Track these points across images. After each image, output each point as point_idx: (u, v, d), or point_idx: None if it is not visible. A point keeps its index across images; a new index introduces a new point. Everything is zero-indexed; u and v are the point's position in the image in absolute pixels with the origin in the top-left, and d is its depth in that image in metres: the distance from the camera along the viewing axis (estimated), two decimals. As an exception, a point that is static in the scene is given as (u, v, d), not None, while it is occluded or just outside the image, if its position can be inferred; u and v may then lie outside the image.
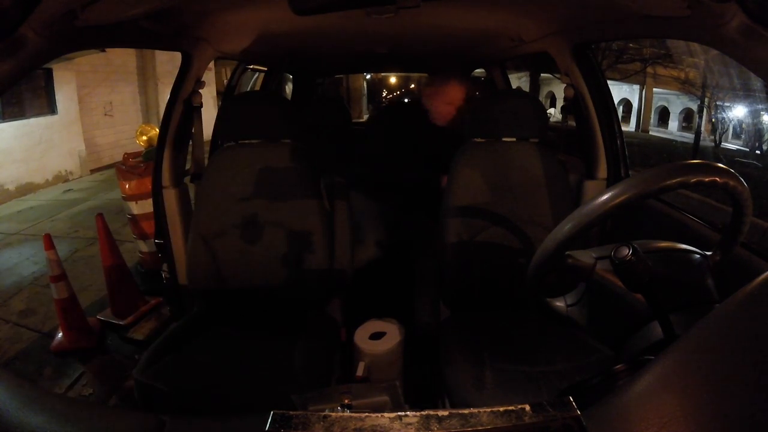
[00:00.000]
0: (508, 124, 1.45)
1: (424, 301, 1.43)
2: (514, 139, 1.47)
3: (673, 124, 14.84)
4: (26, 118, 5.84)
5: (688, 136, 12.87)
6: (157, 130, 1.85)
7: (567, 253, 0.64)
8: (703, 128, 11.86)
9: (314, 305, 1.47)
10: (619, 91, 14.89)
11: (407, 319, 1.60)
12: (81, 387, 1.95)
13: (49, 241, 2.17)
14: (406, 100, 5.86)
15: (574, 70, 1.54)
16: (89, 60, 6.60)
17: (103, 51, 6.36)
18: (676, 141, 13.28)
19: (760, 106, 9.76)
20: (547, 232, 0.66)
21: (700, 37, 0.89)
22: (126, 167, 2.97)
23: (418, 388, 1.53)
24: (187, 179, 1.68)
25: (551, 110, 13.64)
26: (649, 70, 13.42)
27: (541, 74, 13.51)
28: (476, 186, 1.43)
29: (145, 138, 3.15)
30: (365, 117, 11.47)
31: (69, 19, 0.85)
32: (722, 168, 0.58)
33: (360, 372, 1.36)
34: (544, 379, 1.08)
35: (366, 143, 2.50)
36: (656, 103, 15.28)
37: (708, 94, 11.56)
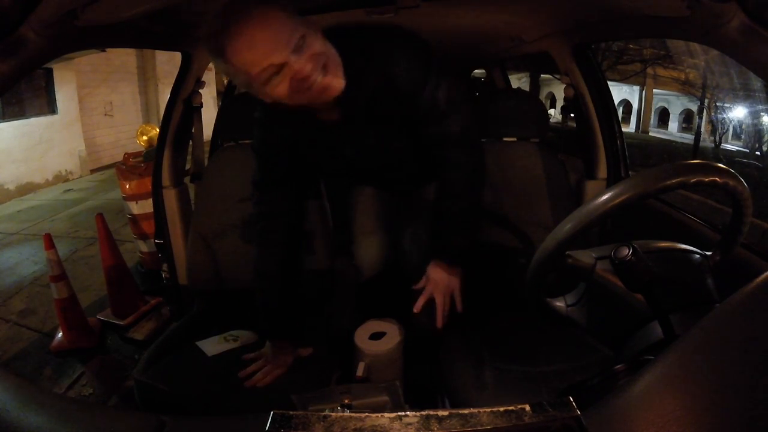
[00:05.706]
0: (509, 124, 1.45)
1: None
2: (515, 139, 1.47)
3: (673, 125, 14.85)
4: (26, 118, 5.84)
5: (688, 137, 12.88)
6: (158, 130, 1.85)
7: (567, 253, 0.64)
8: (703, 129, 11.87)
9: (314, 305, 1.46)
10: (619, 92, 14.90)
11: (407, 319, 1.59)
12: (81, 387, 1.95)
13: (49, 241, 2.17)
14: None
15: (574, 70, 1.54)
16: (89, 60, 6.60)
17: (103, 51, 6.35)
18: (676, 142, 13.29)
19: (760, 107, 9.76)
20: (547, 232, 0.66)
21: (700, 37, 0.89)
22: (126, 167, 2.97)
23: (418, 388, 1.52)
24: (187, 179, 1.68)
25: (551, 111, 13.64)
26: (649, 71, 13.43)
27: (541, 75, 13.51)
28: None
29: (145, 138, 3.15)
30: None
31: (69, 19, 0.84)
32: (722, 168, 0.58)
33: (360, 372, 1.35)
34: (544, 379, 1.08)
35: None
36: (656, 104, 15.29)
37: (708, 95, 11.56)
